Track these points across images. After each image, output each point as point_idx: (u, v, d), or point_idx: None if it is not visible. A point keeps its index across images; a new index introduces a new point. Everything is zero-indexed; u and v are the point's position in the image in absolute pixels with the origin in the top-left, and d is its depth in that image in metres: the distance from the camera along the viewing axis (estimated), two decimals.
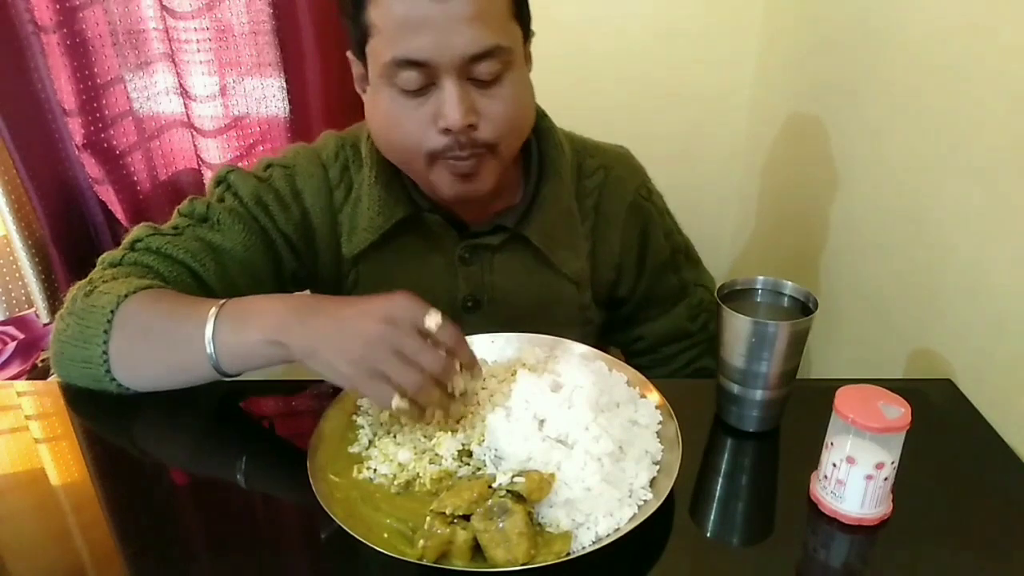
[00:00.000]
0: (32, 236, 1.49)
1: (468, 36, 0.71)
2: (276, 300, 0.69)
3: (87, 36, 1.38)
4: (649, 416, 0.67)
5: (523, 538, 0.54)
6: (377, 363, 0.60)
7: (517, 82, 0.78)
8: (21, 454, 0.74)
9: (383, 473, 0.62)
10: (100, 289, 0.75)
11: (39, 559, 0.61)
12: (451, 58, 0.72)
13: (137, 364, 0.73)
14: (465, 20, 0.71)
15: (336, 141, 0.91)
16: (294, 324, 0.65)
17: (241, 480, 0.68)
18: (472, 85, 0.74)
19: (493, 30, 0.73)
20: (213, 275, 0.82)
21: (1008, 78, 0.73)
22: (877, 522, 0.61)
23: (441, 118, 0.74)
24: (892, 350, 0.94)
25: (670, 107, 1.49)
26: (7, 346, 1.47)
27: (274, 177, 0.88)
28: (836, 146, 1.11)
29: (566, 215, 0.91)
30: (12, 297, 1.55)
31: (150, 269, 0.80)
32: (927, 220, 0.87)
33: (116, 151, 1.48)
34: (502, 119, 0.77)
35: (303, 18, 1.35)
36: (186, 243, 0.82)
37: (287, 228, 0.88)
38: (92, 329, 0.72)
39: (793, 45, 1.29)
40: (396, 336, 0.61)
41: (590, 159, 0.94)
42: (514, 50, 0.76)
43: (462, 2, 0.70)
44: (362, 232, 0.87)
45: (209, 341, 0.67)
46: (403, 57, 0.72)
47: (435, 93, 0.74)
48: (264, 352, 0.67)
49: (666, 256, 0.98)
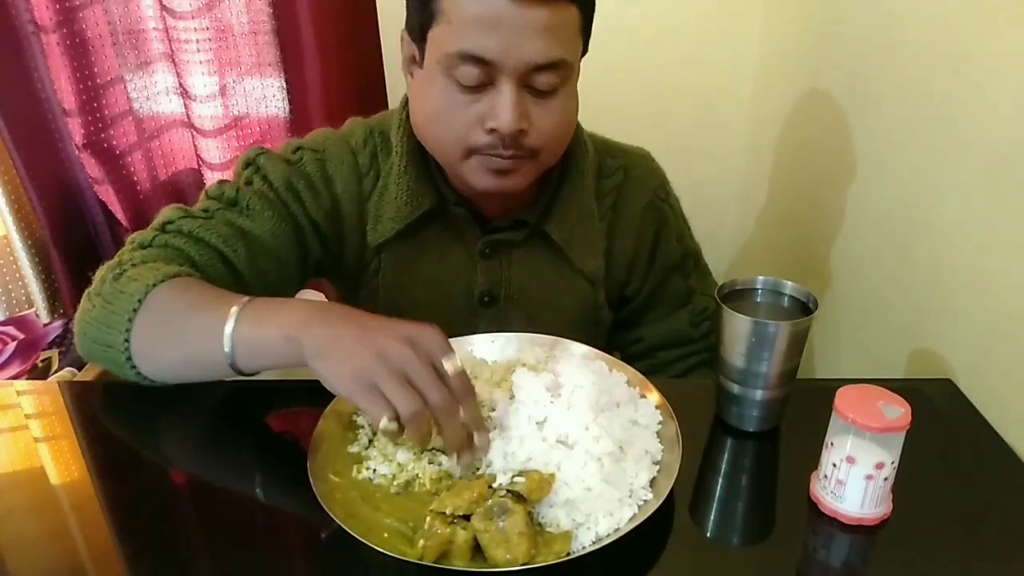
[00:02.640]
0: (32, 236, 1.49)
1: (538, 45, 0.71)
2: (303, 303, 0.67)
3: (87, 36, 1.38)
4: (649, 416, 0.67)
5: (523, 538, 0.54)
6: (381, 379, 0.58)
7: (570, 96, 0.78)
8: (21, 453, 0.74)
9: (382, 473, 0.62)
10: (129, 274, 0.73)
11: (39, 558, 0.61)
12: (516, 63, 0.71)
13: (157, 353, 0.72)
14: (539, 29, 0.70)
15: (364, 128, 0.90)
16: (315, 323, 0.63)
17: (241, 480, 0.68)
18: (527, 92, 0.74)
19: (562, 43, 0.73)
20: (244, 261, 0.81)
21: (1009, 78, 0.73)
22: (877, 522, 0.61)
23: (492, 119, 0.74)
24: (892, 350, 0.94)
25: (670, 107, 1.49)
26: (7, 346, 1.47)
27: (305, 161, 0.86)
28: (836, 146, 1.11)
29: (585, 214, 0.91)
30: (12, 297, 1.55)
31: (180, 252, 0.78)
32: (927, 220, 0.87)
33: (116, 151, 1.48)
34: (550, 130, 0.77)
35: (303, 18, 1.35)
36: (217, 227, 0.80)
37: (317, 215, 0.86)
38: (117, 315, 0.71)
39: (793, 45, 1.29)
40: (409, 359, 0.58)
41: (611, 159, 0.94)
42: (574, 66, 0.76)
43: (541, 11, 0.70)
44: (388, 221, 0.87)
45: (228, 336, 0.66)
46: (469, 52, 0.71)
47: (490, 93, 0.74)
48: (279, 348, 0.64)
49: (676, 259, 0.98)
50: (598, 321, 0.98)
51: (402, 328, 0.61)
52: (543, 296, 0.93)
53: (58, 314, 1.55)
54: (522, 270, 0.92)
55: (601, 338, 1.00)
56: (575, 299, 0.95)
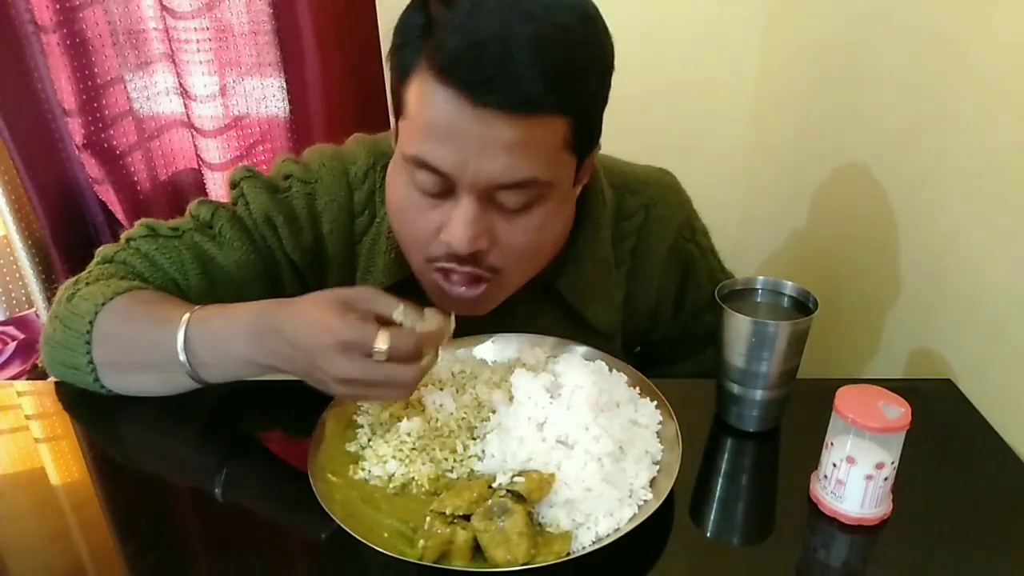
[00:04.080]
0: (32, 236, 1.49)
1: (501, 163, 0.62)
2: (237, 323, 0.66)
3: (87, 36, 1.38)
4: (649, 416, 0.67)
5: (523, 538, 0.54)
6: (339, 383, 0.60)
7: (549, 213, 0.68)
8: (21, 454, 0.74)
9: (377, 475, 0.62)
10: (81, 293, 0.73)
11: (39, 559, 0.61)
12: (474, 180, 0.63)
13: (119, 371, 0.72)
14: (503, 146, 0.61)
15: (367, 159, 0.81)
16: (257, 348, 0.65)
17: (241, 480, 0.68)
18: (494, 208, 0.66)
19: (534, 162, 0.63)
20: (195, 289, 0.77)
21: (1009, 79, 0.73)
22: (877, 522, 0.61)
23: (446, 232, 0.66)
24: (892, 350, 0.94)
25: (670, 107, 1.49)
26: (7, 346, 1.47)
27: (292, 193, 0.80)
28: (836, 146, 1.11)
29: (601, 265, 0.83)
30: (12, 297, 1.55)
31: (135, 272, 0.77)
32: (927, 220, 0.87)
33: (116, 151, 1.48)
34: (517, 251, 0.68)
35: (303, 18, 1.35)
36: (177, 250, 0.77)
37: (294, 253, 0.80)
38: (74, 338, 0.71)
39: (794, 45, 1.29)
40: (351, 369, 0.59)
41: (630, 197, 0.85)
42: (554, 184, 0.66)
43: (504, 127, 0.60)
44: (378, 274, 0.80)
45: (184, 360, 0.67)
46: (423, 159, 0.64)
47: (451, 200, 0.66)
48: (239, 371, 0.68)
49: (707, 299, 0.85)
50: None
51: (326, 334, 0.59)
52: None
53: None
54: (529, 327, 0.81)
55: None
56: None
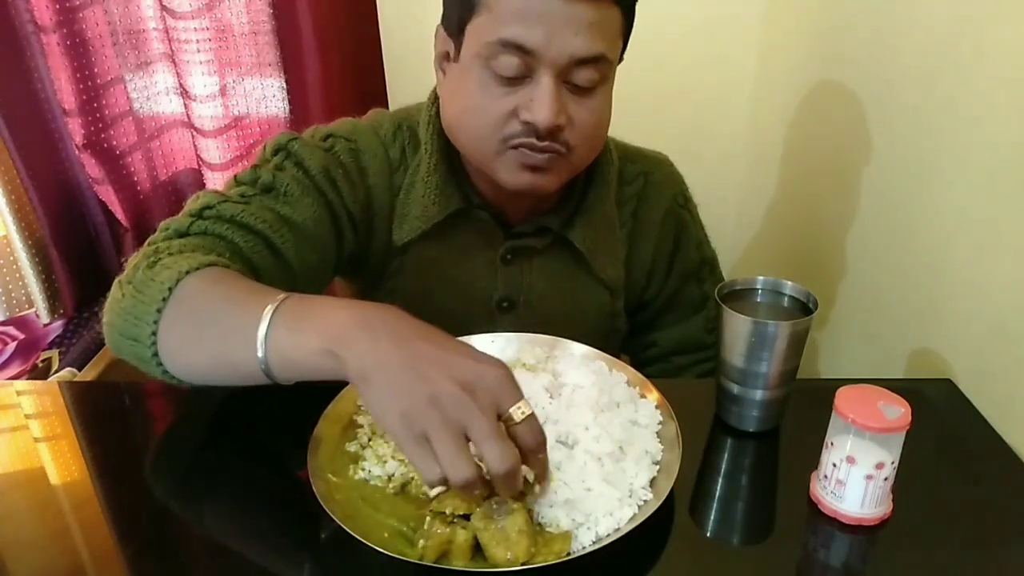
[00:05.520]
0: (32, 236, 1.49)
1: (583, 38, 0.70)
2: (345, 306, 0.57)
3: (87, 36, 1.38)
4: (649, 416, 0.67)
5: (523, 536, 0.54)
6: (434, 431, 0.50)
7: (607, 96, 0.77)
8: (21, 454, 0.74)
9: (377, 475, 0.62)
10: (163, 262, 0.66)
11: (39, 559, 0.61)
12: (558, 55, 0.70)
13: (184, 352, 0.65)
14: (584, 23, 0.70)
15: (392, 121, 0.87)
16: (359, 337, 0.54)
17: (241, 480, 0.68)
18: (566, 88, 0.73)
19: (605, 39, 0.72)
20: (292, 248, 0.76)
21: (1009, 79, 0.73)
22: (877, 522, 0.61)
23: (527, 111, 0.72)
24: (892, 350, 0.94)
25: (670, 107, 1.49)
26: (7, 346, 1.47)
27: (339, 150, 0.84)
28: (836, 146, 1.11)
29: (608, 222, 0.91)
30: (12, 297, 1.55)
31: (223, 240, 0.72)
32: (927, 220, 0.87)
33: (116, 151, 1.48)
34: (588, 129, 0.76)
35: (303, 18, 1.35)
36: (259, 212, 0.75)
37: (353, 206, 0.84)
38: (146, 305, 0.64)
39: (794, 45, 1.29)
40: (469, 411, 0.50)
41: (631, 165, 0.93)
42: (614, 65, 0.76)
43: (584, 8, 0.69)
44: (414, 220, 0.85)
45: (261, 342, 0.58)
46: (511, 40, 0.70)
47: (528, 86, 0.73)
48: (317, 363, 0.56)
49: (694, 266, 0.98)
50: (614, 330, 0.97)
51: (461, 365, 0.52)
52: (561, 304, 0.92)
53: (58, 314, 1.55)
54: (542, 277, 0.91)
55: (615, 347, 0.99)
56: (593, 308, 0.94)
